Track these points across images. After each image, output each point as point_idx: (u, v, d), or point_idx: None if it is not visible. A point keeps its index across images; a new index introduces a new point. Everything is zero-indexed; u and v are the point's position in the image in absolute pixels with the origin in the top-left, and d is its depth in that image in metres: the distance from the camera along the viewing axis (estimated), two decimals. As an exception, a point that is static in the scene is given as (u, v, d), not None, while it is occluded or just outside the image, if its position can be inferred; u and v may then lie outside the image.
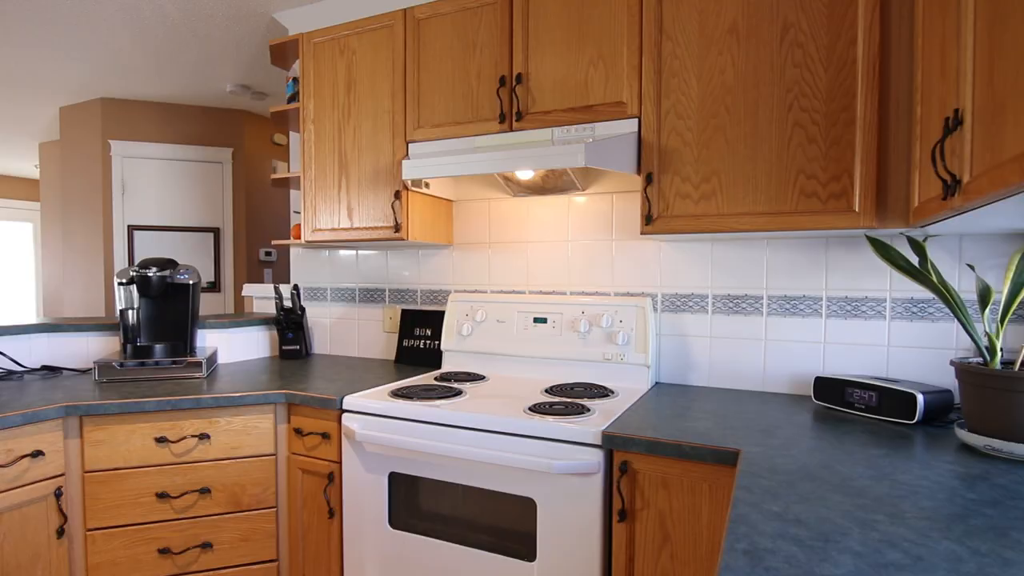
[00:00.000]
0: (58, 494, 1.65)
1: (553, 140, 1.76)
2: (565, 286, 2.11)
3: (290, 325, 2.41)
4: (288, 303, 2.53)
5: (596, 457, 1.40)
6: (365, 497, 1.71)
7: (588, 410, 1.56)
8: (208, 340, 2.34)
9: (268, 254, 4.32)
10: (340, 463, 1.77)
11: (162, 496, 1.75)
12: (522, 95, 1.80)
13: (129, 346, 2.03)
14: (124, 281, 2.01)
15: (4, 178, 6.95)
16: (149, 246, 3.97)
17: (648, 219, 1.66)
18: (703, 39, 1.60)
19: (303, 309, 2.45)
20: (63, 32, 2.87)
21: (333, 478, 1.78)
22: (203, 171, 4.04)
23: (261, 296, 2.76)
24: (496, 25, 1.84)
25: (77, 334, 2.20)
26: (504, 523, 1.53)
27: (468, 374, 2.06)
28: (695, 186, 1.61)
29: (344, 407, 1.75)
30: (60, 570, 1.67)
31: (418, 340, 2.32)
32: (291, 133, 2.64)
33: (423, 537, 1.63)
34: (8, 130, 4.93)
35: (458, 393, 1.77)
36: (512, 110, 1.82)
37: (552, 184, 2.01)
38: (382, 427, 1.67)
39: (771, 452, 1.25)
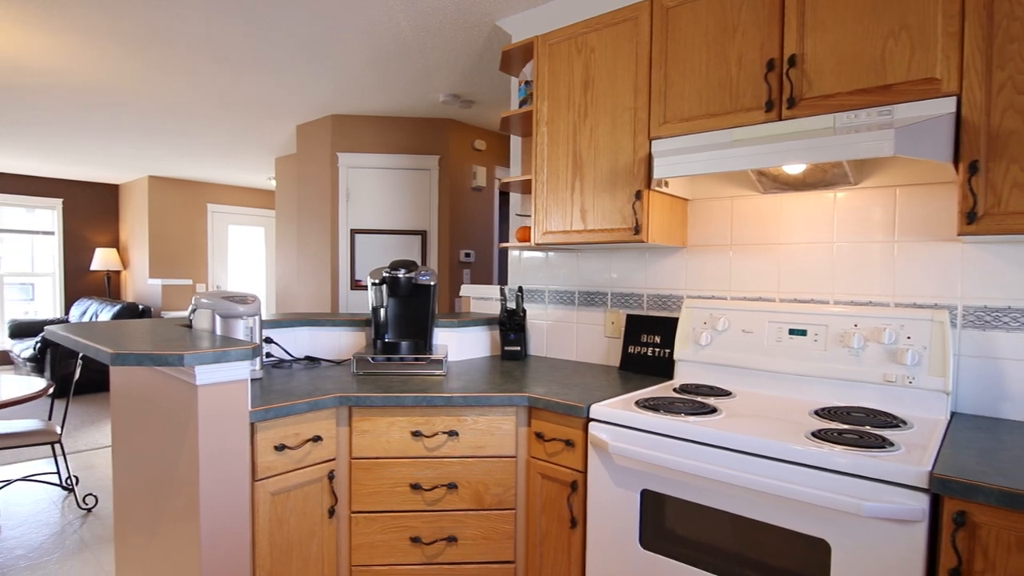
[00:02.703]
0: (331, 477, 1.80)
1: (836, 127, 1.53)
2: (827, 294, 1.86)
3: (513, 326, 2.44)
4: (511, 305, 2.56)
5: (920, 503, 1.17)
6: (613, 512, 1.64)
7: (890, 443, 1.33)
8: (438, 338, 2.44)
9: (467, 255, 4.51)
10: (585, 473, 1.72)
11: (415, 487, 1.84)
12: (796, 79, 1.60)
13: (379, 342, 2.18)
14: (377, 281, 2.16)
15: (242, 189, 8.16)
16: (367, 248, 4.35)
17: (970, 217, 1.37)
18: (1059, -9, 1.28)
19: (524, 311, 2.47)
20: (307, 58, 3.22)
21: (577, 487, 1.73)
22: (413, 178, 4.33)
23: (478, 296, 2.85)
24: (762, 4, 1.66)
25: (332, 328, 2.42)
26: (782, 562, 1.35)
27: (711, 388, 1.90)
28: (1042, 175, 1.30)
29: (591, 416, 1.69)
30: (330, 546, 1.82)
31: (645, 347, 2.21)
32: (513, 137, 2.68)
33: (680, 563, 1.51)
34: (251, 148, 5.74)
35: (712, 410, 1.62)
36: (782, 96, 1.63)
37: (817, 178, 1.78)
38: (634, 440, 1.59)
39: None
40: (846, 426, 1.48)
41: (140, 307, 6.29)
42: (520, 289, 2.46)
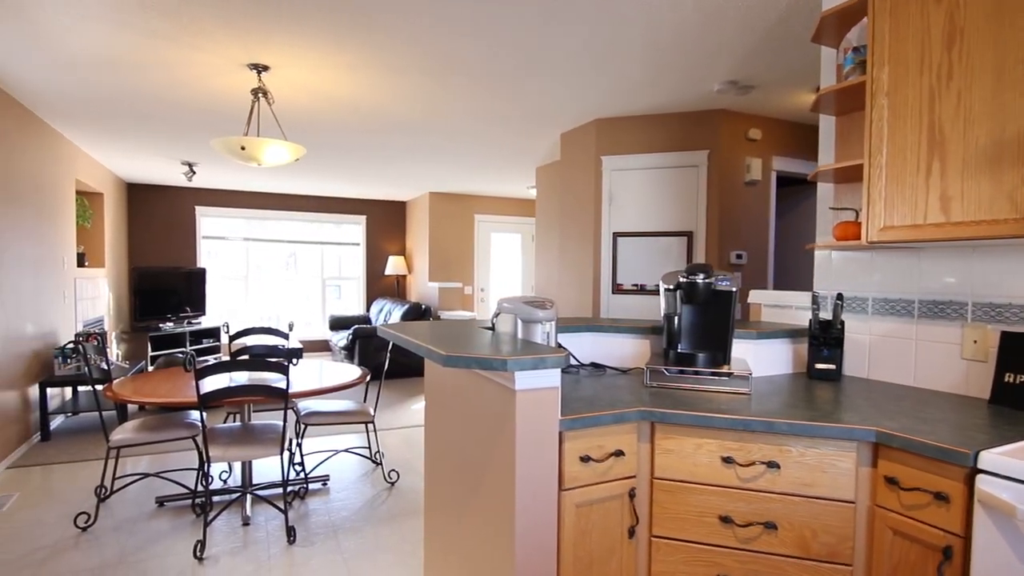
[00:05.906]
0: (631, 495, 1.69)
1: None
2: None
3: (828, 340, 2.06)
4: (825, 315, 2.19)
5: None
6: (1022, 600, 1.22)
7: None
8: (733, 351, 2.19)
9: (738, 256, 4.12)
10: (966, 539, 1.32)
11: (725, 520, 1.63)
12: None
13: (671, 352, 2.01)
14: (671, 287, 2.00)
15: (504, 200, 8.80)
16: (629, 252, 4.24)
17: None
18: None
19: (843, 323, 2.07)
20: (580, 67, 3.21)
21: (951, 555, 1.34)
22: (679, 176, 4.10)
23: (772, 304, 2.51)
24: None
25: (615, 335, 2.34)
26: None
27: None
28: None
29: (979, 465, 1.29)
30: (629, 568, 1.71)
31: (1036, 377, 1.66)
32: (823, 119, 2.29)
33: None
34: (515, 160, 6.09)
35: None
36: None
37: None
38: (1064, 509, 1.15)
39: None
40: None
41: (423, 307, 7.16)
42: (840, 297, 2.06)
